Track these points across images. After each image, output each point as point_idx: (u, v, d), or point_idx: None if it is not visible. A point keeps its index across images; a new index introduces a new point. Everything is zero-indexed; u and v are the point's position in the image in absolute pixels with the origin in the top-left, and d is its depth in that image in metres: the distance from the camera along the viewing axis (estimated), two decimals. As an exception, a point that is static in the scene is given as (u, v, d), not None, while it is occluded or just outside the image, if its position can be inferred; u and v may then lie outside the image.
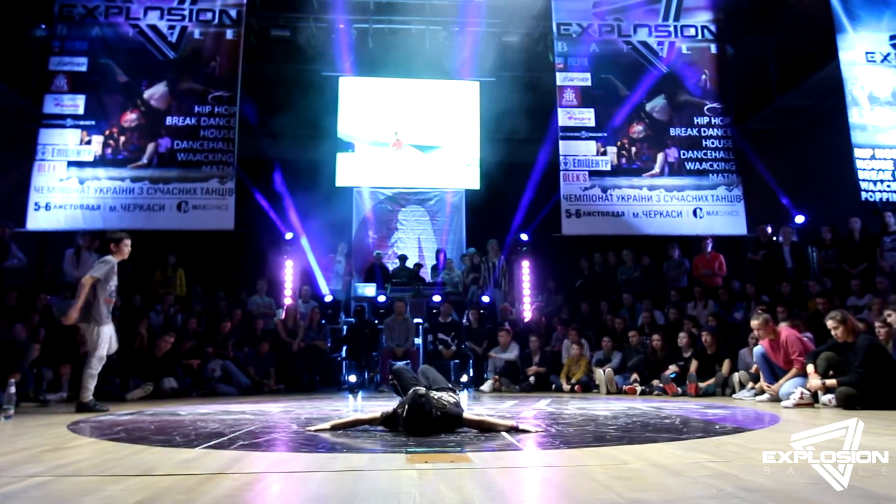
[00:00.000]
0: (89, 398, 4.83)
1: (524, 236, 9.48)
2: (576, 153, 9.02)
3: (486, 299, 8.92)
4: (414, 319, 8.38)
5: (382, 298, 8.78)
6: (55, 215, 8.29)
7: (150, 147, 8.62)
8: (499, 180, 10.60)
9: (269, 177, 10.07)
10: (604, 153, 9.04)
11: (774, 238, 8.53)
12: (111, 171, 8.48)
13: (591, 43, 9.36)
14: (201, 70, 8.89)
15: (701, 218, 8.89)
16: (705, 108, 9.24)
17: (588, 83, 9.23)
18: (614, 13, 9.42)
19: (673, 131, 9.16)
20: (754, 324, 5.56)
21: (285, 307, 8.66)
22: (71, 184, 8.37)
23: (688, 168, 9.05)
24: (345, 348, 8.27)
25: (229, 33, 8.99)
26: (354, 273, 10.01)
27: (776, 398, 5.14)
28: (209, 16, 9.00)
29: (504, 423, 3.22)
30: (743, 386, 5.89)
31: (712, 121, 9.19)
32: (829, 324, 4.75)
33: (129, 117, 8.69)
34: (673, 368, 6.56)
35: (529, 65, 10.59)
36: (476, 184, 10.91)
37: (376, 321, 8.58)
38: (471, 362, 7.97)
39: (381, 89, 11.10)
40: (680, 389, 6.31)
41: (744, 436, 2.99)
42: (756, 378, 5.67)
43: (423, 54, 10.36)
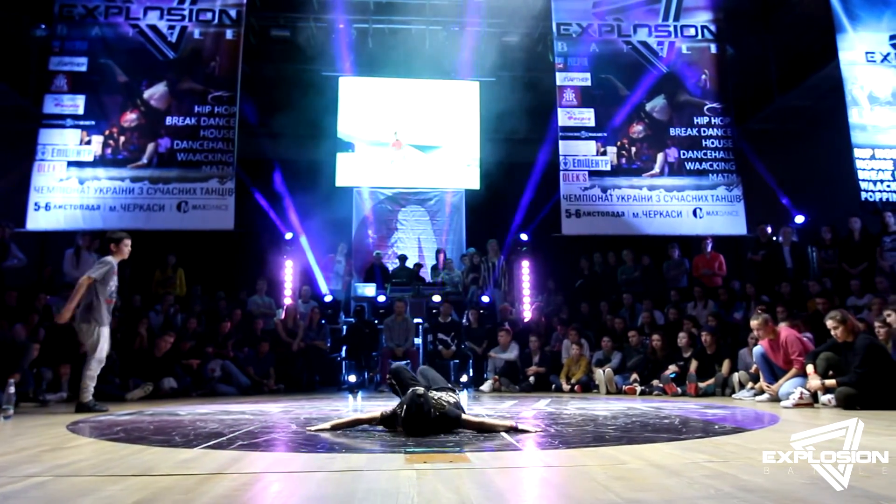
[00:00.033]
0: (89, 398, 4.84)
1: (524, 236, 9.48)
2: (576, 153, 9.02)
3: (485, 299, 8.92)
4: (414, 319, 8.37)
5: (382, 298, 8.78)
6: (55, 215, 8.29)
7: (150, 147, 8.62)
8: (499, 180, 10.60)
9: (269, 177, 10.06)
10: (604, 153, 9.04)
11: (774, 238, 8.54)
12: (111, 171, 8.48)
13: (591, 43, 9.35)
14: (201, 70, 8.89)
15: (701, 218, 8.88)
16: (705, 108, 9.23)
17: (588, 83, 9.23)
18: (614, 13, 9.42)
19: (673, 131, 9.16)
20: (754, 324, 5.56)
21: (285, 307, 8.67)
22: (71, 184, 8.37)
23: (688, 168, 9.04)
24: (344, 348, 8.26)
25: (229, 33, 8.99)
26: (354, 273, 10.01)
27: (776, 398, 5.15)
28: (209, 16, 9.00)
29: (503, 423, 3.21)
30: (743, 386, 5.89)
31: (712, 121, 9.19)
32: (828, 324, 4.75)
33: (129, 117, 8.69)
34: (673, 368, 6.56)
35: (529, 65, 10.59)
36: (476, 184, 10.90)
37: (376, 321, 8.58)
38: (470, 362, 7.97)
39: (380, 89, 11.09)
40: (679, 389, 6.31)
41: (743, 436, 2.99)
42: (756, 378, 5.67)
43: (423, 54, 10.37)
